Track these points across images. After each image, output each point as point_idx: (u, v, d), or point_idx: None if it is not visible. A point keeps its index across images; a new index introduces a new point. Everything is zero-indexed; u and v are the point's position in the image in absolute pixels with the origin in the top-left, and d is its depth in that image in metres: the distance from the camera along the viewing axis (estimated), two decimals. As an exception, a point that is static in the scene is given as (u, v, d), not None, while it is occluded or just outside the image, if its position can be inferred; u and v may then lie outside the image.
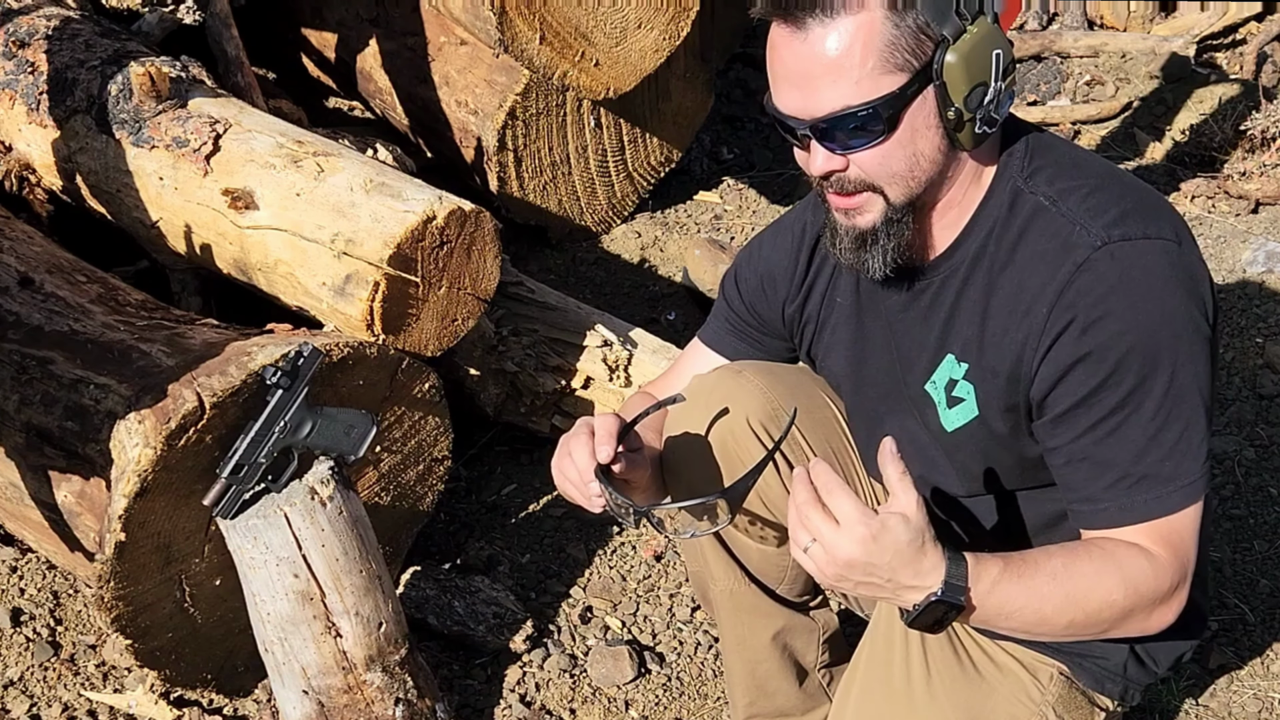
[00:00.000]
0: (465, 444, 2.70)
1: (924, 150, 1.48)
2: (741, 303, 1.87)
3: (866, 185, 1.49)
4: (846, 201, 1.52)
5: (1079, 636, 1.52)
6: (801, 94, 1.46)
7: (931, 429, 1.67)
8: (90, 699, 2.24)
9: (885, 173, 1.48)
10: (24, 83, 2.61)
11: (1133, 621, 1.49)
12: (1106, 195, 1.52)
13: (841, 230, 1.56)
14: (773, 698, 1.97)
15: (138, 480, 1.94)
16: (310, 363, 1.98)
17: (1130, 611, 1.47)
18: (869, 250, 1.54)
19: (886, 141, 1.45)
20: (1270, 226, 3.28)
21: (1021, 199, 1.54)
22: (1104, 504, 1.50)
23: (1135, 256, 1.47)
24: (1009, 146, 1.57)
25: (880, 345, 1.70)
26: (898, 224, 1.52)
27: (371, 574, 2.02)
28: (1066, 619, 1.46)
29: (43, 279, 2.33)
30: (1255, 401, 2.76)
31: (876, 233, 1.52)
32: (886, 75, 1.43)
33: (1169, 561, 1.48)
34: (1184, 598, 1.50)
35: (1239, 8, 4.01)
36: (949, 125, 1.46)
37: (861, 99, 1.42)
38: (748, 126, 3.87)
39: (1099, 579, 1.46)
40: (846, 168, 1.48)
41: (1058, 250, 1.49)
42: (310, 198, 2.29)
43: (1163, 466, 1.47)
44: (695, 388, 1.80)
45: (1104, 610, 1.46)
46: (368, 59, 3.37)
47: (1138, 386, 1.46)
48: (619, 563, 2.54)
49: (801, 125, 1.47)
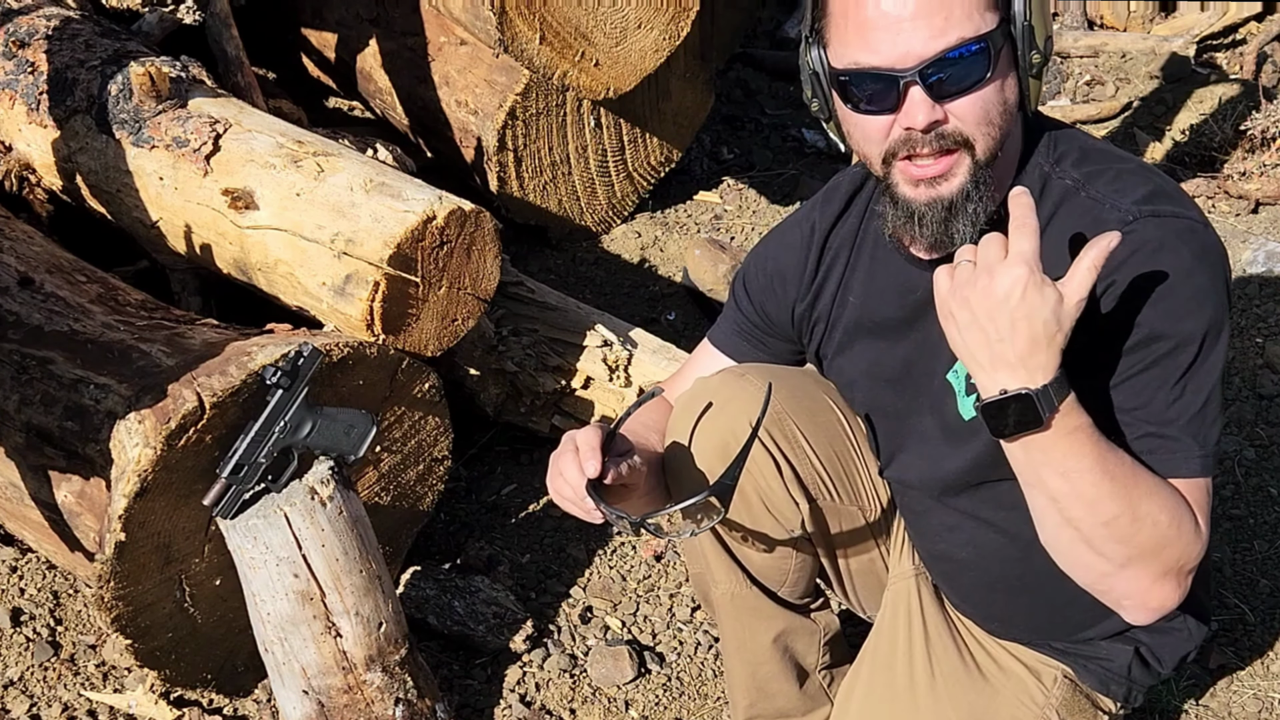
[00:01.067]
0: (465, 444, 2.70)
1: (1010, 100, 1.45)
2: (750, 304, 1.86)
3: (959, 141, 1.43)
4: (935, 166, 1.44)
5: (1104, 546, 1.42)
6: (906, 37, 1.39)
7: (949, 418, 1.64)
8: (90, 699, 2.24)
9: (984, 120, 1.43)
10: (24, 83, 2.61)
11: (1158, 560, 1.42)
12: (1134, 178, 1.51)
13: (922, 205, 1.47)
14: (773, 699, 1.97)
15: (138, 480, 1.94)
16: (310, 363, 1.98)
17: (1163, 546, 1.41)
18: (958, 218, 1.47)
19: (989, 85, 1.41)
20: (1270, 226, 3.28)
21: (1050, 183, 1.53)
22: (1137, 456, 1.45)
23: (1166, 231, 1.45)
24: (1033, 136, 1.56)
25: (898, 340, 1.68)
26: (984, 186, 1.46)
27: (371, 574, 2.02)
28: (1114, 511, 1.39)
29: (43, 279, 2.33)
30: (1255, 401, 2.76)
31: (968, 195, 1.46)
32: (989, 12, 1.41)
33: (1200, 526, 1.44)
34: (1188, 586, 1.46)
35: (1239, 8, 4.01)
36: (1029, 74, 1.44)
37: (974, 32, 1.39)
38: (748, 126, 3.87)
39: (1156, 496, 1.41)
40: (946, 119, 1.42)
41: (1089, 227, 1.47)
42: (310, 198, 2.29)
43: (1191, 427, 1.45)
44: (697, 389, 1.79)
45: (1147, 525, 1.40)
46: (368, 59, 3.37)
47: (1166, 355, 1.44)
48: (619, 563, 2.53)
49: (905, 73, 1.40)
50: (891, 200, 1.51)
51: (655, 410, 1.88)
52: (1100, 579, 1.46)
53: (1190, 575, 1.46)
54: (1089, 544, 1.43)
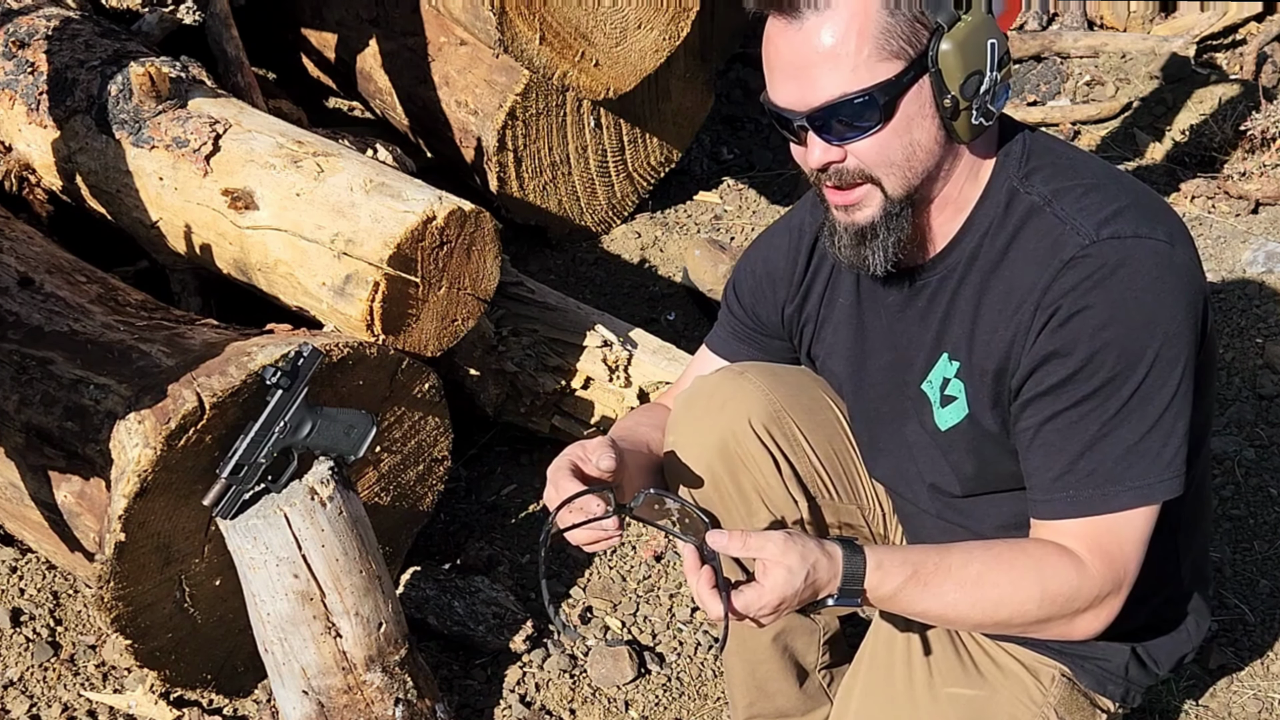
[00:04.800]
0: (465, 444, 2.70)
1: (921, 140, 1.48)
2: (741, 307, 1.88)
3: (864, 177, 1.49)
4: (845, 197, 1.52)
5: (996, 631, 1.61)
6: (798, 85, 1.46)
7: (928, 428, 1.67)
8: (90, 699, 2.24)
9: (883, 162, 1.48)
10: (24, 83, 2.61)
11: (1051, 627, 1.52)
12: (1102, 195, 1.52)
13: (840, 227, 1.55)
14: (773, 699, 1.97)
15: (138, 480, 1.94)
16: (310, 363, 1.98)
17: (1046, 620, 1.51)
18: (868, 246, 1.54)
19: (883, 130, 1.46)
20: (1270, 226, 3.28)
21: (1017, 199, 1.54)
22: (1051, 495, 1.51)
23: (1123, 254, 1.46)
24: (1006, 146, 1.57)
25: (880, 345, 1.70)
26: (897, 218, 1.52)
27: (371, 574, 2.02)
28: (974, 622, 1.56)
29: (43, 279, 2.33)
30: (1255, 401, 2.76)
31: (876, 227, 1.52)
32: (883, 63, 1.43)
33: (1100, 572, 1.49)
34: (1114, 608, 1.52)
35: (1239, 8, 4.01)
36: (945, 114, 1.47)
37: (858, 86, 1.43)
38: (748, 126, 3.87)
39: (1015, 589, 1.49)
40: (844, 159, 1.48)
41: (1048, 250, 1.50)
42: (310, 198, 2.29)
43: (1115, 465, 1.48)
44: (697, 388, 1.80)
45: (1015, 618, 1.51)
46: (368, 59, 3.37)
47: (1107, 383, 1.46)
48: (619, 563, 2.54)
49: (798, 116, 1.48)
50: (825, 215, 1.59)
51: (654, 411, 1.88)
52: (1032, 634, 1.57)
53: (1112, 599, 1.51)
54: (995, 625, 1.55)
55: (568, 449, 1.61)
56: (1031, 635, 1.56)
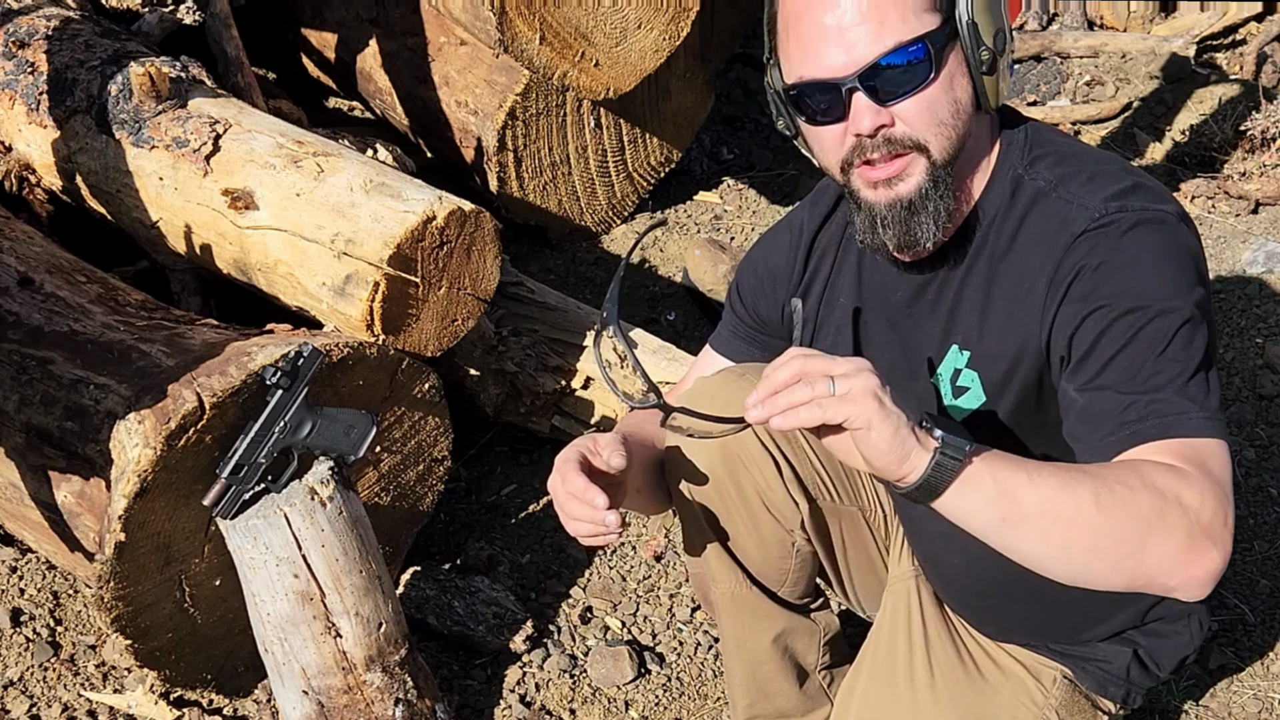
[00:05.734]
0: (465, 444, 2.70)
1: (961, 99, 1.47)
2: (744, 306, 1.87)
3: (910, 143, 1.46)
4: (887, 169, 1.48)
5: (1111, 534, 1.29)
6: (843, 47, 1.43)
7: None
8: (90, 699, 2.24)
9: (933, 121, 1.46)
10: (24, 83, 2.61)
11: (1177, 521, 1.28)
12: (1108, 177, 1.51)
13: (883, 207, 1.50)
14: (773, 699, 1.97)
15: (137, 480, 1.94)
16: (310, 363, 1.98)
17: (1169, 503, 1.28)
18: (917, 219, 1.50)
19: (932, 85, 1.44)
20: (1270, 226, 3.28)
21: (1023, 186, 1.54)
22: (1124, 428, 1.37)
23: (1135, 219, 1.45)
24: (1009, 135, 1.57)
25: (883, 343, 1.70)
26: (943, 185, 1.49)
27: (371, 574, 2.02)
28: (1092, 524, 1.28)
29: (43, 279, 2.33)
30: (1255, 401, 2.76)
31: (925, 196, 1.49)
32: (926, 13, 1.43)
33: (1203, 483, 1.29)
34: (1228, 541, 1.30)
35: (1239, 8, 4.01)
36: (980, 71, 1.46)
37: (909, 35, 1.42)
38: (748, 126, 3.87)
39: (1132, 493, 1.28)
40: (892, 123, 1.46)
41: (1057, 228, 1.49)
42: (310, 198, 2.29)
43: (1183, 391, 1.37)
44: (697, 388, 1.80)
45: (1139, 492, 1.28)
46: (368, 59, 3.37)
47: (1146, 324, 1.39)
48: (619, 563, 2.53)
49: (847, 80, 1.43)
50: (856, 206, 1.55)
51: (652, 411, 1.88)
52: (1132, 571, 1.31)
53: (1226, 525, 1.30)
54: (1097, 547, 1.30)
55: (578, 440, 1.61)
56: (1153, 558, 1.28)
